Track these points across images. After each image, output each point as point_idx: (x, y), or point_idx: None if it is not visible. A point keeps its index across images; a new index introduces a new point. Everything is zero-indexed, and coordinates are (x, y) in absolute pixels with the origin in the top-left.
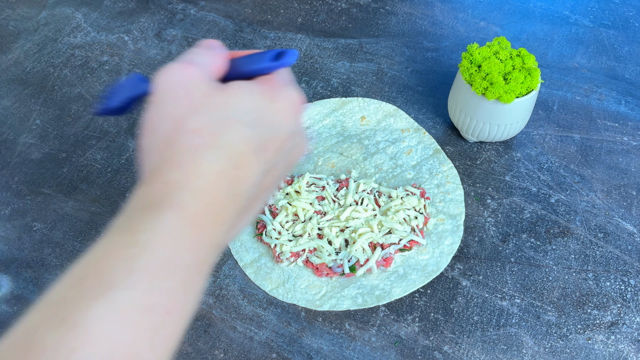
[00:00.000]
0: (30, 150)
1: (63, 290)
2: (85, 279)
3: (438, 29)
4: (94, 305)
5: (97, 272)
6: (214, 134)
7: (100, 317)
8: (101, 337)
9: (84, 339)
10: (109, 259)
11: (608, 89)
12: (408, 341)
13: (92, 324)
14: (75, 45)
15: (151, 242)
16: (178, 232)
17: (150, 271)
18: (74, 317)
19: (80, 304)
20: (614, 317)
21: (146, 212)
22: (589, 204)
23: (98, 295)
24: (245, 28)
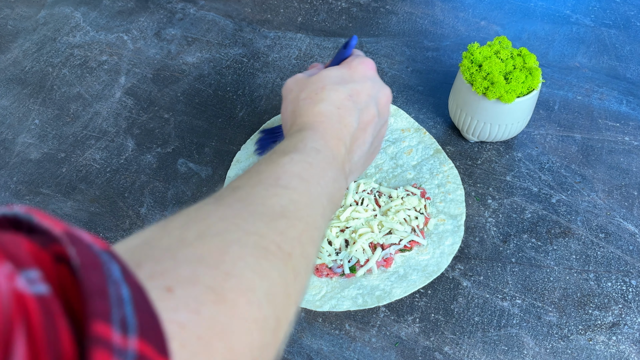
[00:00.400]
0: (29, 150)
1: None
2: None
3: (438, 29)
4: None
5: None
6: (317, 94)
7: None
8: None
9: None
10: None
11: (609, 89)
12: (408, 342)
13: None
14: (74, 45)
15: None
16: (314, 146)
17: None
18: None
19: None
20: (615, 318)
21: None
22: (590, 204)
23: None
24: (245, 27)
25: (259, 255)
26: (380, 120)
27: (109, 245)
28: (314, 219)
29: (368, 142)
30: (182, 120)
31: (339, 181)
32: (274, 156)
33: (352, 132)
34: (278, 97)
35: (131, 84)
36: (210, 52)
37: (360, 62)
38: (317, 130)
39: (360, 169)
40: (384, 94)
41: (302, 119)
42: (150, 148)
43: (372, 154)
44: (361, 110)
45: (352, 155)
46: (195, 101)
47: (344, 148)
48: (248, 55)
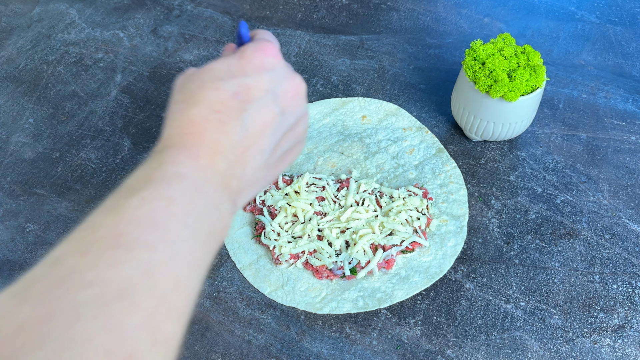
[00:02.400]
0: (23, 149)
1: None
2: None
3: (441, 26)
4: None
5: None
6: (192, 95)
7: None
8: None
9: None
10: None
11: (615, 87)
12: (410, 345)
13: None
14: (69, 42)
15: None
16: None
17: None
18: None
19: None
20: (621, 321)
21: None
22: (595, 204)
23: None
24: None
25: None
26: (286, 118)
27: None
28: (174, 280)
29: (267, 148)
30: None
31: (220, 208)
32: (117, 199)
33: (236, 140)
34: None
35: (127, 82)
36: (208, 49)
37: (255, 48)
38: (182, 147)
39: (261, 181)
40: (290, 86)
41: (168, 132)
42: (147, 147)
43: (283, 161)
44: (253, 110)
45: (244, 168)
46: None
47: (224, 162)
48: None
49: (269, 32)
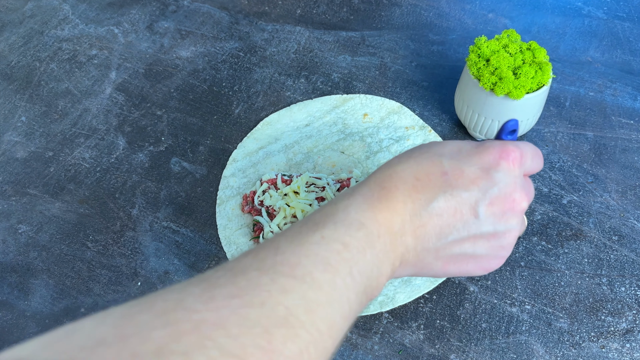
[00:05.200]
0: (15, 148)
1: None
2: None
3: (444, 21)
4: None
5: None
6: (410, 156)
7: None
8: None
9: None
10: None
11: (623, 84)
12: (413, 349)
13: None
14: (63, 39)
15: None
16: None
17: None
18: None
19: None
20: (629, 324)
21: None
22: (603, 205)
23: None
24: (241, 20)
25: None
26: (480, 224)
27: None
28: (330, 324)
29: (444, 237)
30: (175, 118)
31: (381, 267)
32: (303, 229)
33: (419, 211)
34: (276, 93)
35: (122, 80)
36: (205, 46)
37: (497, 145)
38: (371, 197)
39: (422, 265)
40: (506, 196)
41: (370, 177)
42: (142, 146)
43: (455, 263)
44: (449, 195)
45: (416, 242)
46: (189, 97)
47: (399, 226)
48: (245, 49)
49: (534, 147)
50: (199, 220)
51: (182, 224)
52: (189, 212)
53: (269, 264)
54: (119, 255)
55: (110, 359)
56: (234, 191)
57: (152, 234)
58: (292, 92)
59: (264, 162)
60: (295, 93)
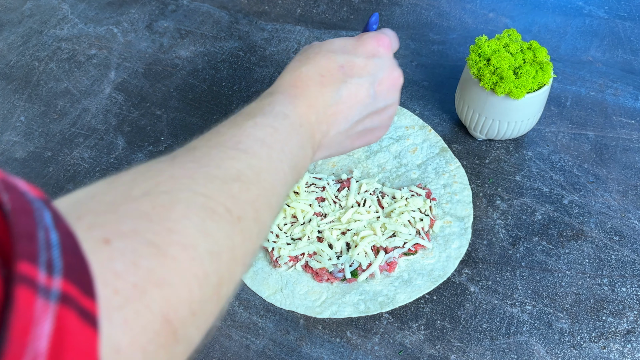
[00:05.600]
0: (14, 148)
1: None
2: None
3: (444, 21)
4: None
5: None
6: (307, 58)
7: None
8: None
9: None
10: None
11: (624, 84)
12: (413, 350)
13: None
14: (62, 38)
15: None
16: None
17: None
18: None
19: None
20: (630, 325)
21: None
22: (604, 205)
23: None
24: (241, 19)
25: (205, 216)
26: (376, 101)
27: (44, 194)
28: (272, 184)
29: (350, 119)
30: (175, 117)
31: (305, 149)
32: (238, 118)
33: (329, 102)
34: None
35: (121, 79)
36: (205, 45)
37: (372, 36)
38: (288, 94)
39: (336, 147)
40: (389, 76)
41: (280, 81)
42: (142, 146)
43: (362, 137)
44: (351, 84)
45: (329, 128)
46: (189, 97)
47: (315, 116)
48: (244, 48)
49: (392, 31)
50: None
51: None
52: None
53: (215, 142)
54: None
55: (108, 200)
56: None
57: None
58: None
59: None
60: None
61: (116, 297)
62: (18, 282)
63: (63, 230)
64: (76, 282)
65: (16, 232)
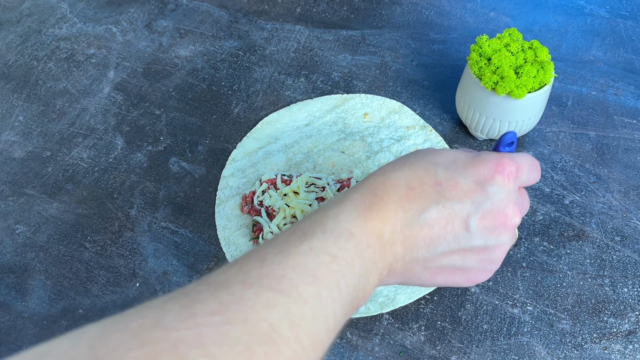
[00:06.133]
0: (12, 148)
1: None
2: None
3: (445, 20)
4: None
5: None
6: (404, 163)
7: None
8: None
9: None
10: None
11: (626, 84)
12: (413, 351)
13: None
14: (61, 37)
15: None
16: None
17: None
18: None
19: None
20: (632, 326)
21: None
22: (605, 205)
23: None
24: (240, 19)
25: None
26: (471, 237)
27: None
28: (314, 339)
29: (433, 249)
30: (174, 117)
31: (368, 276)
32: (291, 238)
33: (410, 221)
34: (275, 93)
35: (120, 79)
36: (204, 44)
37: (494, 157)
38: (362, 204)
39: (409, 275)
40: (500, 212)
41: (360, 184)
42: (141, 146)
43: (444, 275)
44: (442, 207)
45: (405, 252)
46: (188, 97)
47: (389, 235)
48: (244, 48)
49: (531, 158)
50: (198, 221)
51: (181, 224)
52: (188, 212)
53: (254, 277)
54: (117, 256)
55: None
56: (233, 191)
57: (150, 234)
58: (291, 92)
59: (263, 162)
60: (295, 92)
61: None
62: None
63: None
64: None
65: None
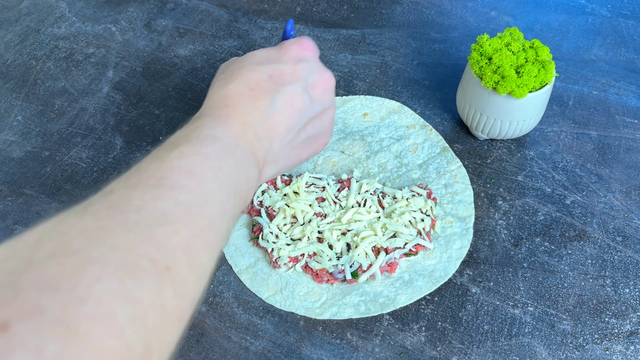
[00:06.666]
0: (11, 148)
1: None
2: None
3: (446, 19)
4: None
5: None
6: (232, 74)
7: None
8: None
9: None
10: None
11: (627, 83)
12: (414, 352)
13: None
14: (59, 37)
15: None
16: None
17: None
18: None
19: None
20: (633, 326)
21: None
22: (606, 205)
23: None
24: (240, 18)
25: (123, 274)
26: (313, 106)
27: None
28: (208, 219)
29: (292, 128)
30: (173, 117)
31: (247, 171)
32: (160, 151)
33: (265, 116)
34: None
35: (119, 78)
36: (204, 44)
37: (294, 42)
38: (217, 116)
39: (283, 161)
40: (321, 78)
41: (207, 103)
42: (140, 146)
43: (307, 146)
44: (284, 92)
45: (271, 142)
46: (188, 96)
47: (253, 133)
48: (244, 47)
49: (308, 37)
50: None
51: None
52: None
53: (135, 182)
54: None
55: (7, 269)
56: None
57: None
58: None
59: None
60: None
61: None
62: None
63: None
64: None
65: None
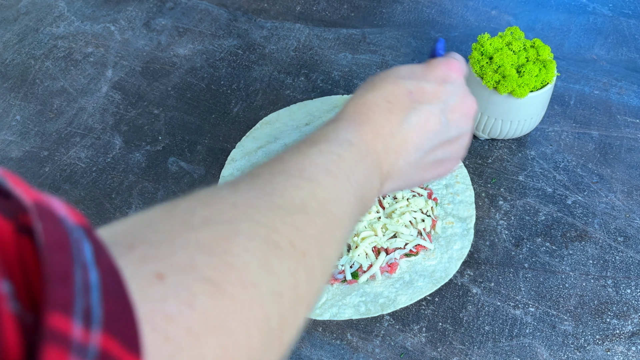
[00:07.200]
0: (9, 148)
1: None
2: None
3: (446, 18)
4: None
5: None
6: (374, 84)
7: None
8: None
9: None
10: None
11: (628, 83)
12: (414, 352)
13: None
14: (58, 36)
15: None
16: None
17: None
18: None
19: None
20: (634, 327)
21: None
22: (608, 205)
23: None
24: (239, 17)
25: (267, 250)
26: (448, 130)
27: (85, 220)
28: (337, 217)
29: (421, 148)
30: (172, 116)
31: (372, 179)
32: (301, 146)
33: (396, 130)
34: (275, 92)
35: (118, 78)
36: (203, 43)
37: (442, 61)
38: (354, 121)
39: (405, 179)
40: (463, 104)
41: (345, 109)
42: (139, 146)
43: (433, 168)
44: (420, 110)
45: (397, 157)
46: (187, 96)
47: (382, 145)
48: (243, 46)
49: (459, 55)
50: None
51: None
52: None
53: (278, 169)
54: None
55: (165, 228)
56: None
57: None
58: (291, 91)
59: None
60: (295, 91)
61: (167, 345)
62: (48, 340)
63: (105, 266)
64: (118, 335)
65: (48, 273)
